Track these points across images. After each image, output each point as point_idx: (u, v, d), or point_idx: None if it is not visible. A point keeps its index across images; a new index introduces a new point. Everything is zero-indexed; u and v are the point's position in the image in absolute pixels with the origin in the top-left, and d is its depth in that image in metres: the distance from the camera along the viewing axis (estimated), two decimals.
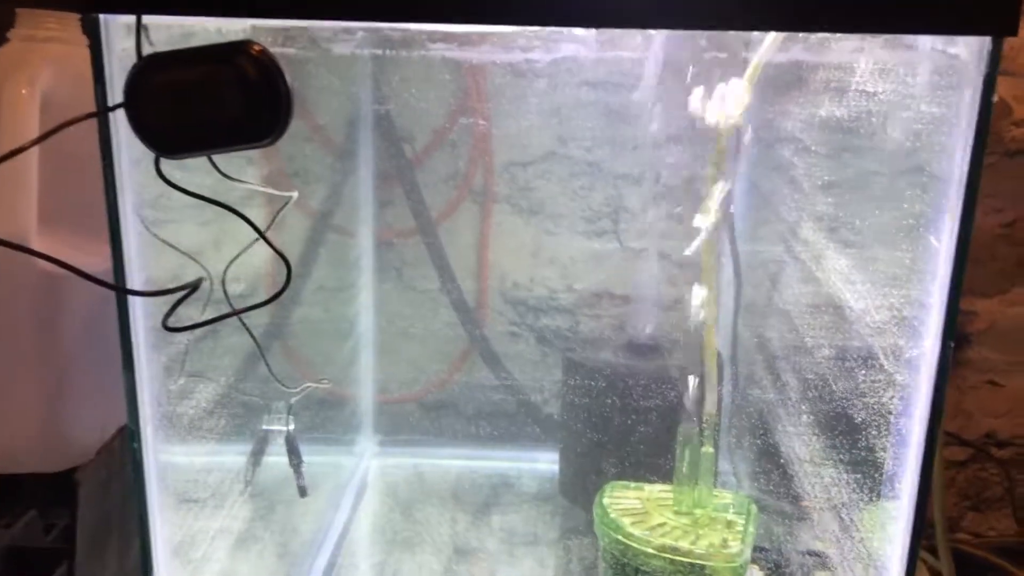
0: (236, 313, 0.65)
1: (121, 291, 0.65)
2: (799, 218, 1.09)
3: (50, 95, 0.91)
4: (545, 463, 1.31)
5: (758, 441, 1.14)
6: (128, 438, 0.73)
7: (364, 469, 1.34)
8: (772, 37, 0.80)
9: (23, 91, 0.88)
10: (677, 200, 1.26)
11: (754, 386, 1.18)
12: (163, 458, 0.76)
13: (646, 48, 0.99)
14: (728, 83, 0.83)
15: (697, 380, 0.94)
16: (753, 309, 1.22)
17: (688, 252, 0.90)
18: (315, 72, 1.06)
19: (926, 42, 0.67)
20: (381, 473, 1.35)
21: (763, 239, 1.22)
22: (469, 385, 1.38)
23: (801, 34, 0.76)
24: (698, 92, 0.84)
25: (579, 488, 1.19)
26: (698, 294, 0.92)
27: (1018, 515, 1.48)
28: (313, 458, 1.08)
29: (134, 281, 0.69)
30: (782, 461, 1.06)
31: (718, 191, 0.88)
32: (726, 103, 0.83)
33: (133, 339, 0.68)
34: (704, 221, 0.88)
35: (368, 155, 1.32)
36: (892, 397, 0.73)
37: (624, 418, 1.12)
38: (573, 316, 1.37)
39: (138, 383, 0.69)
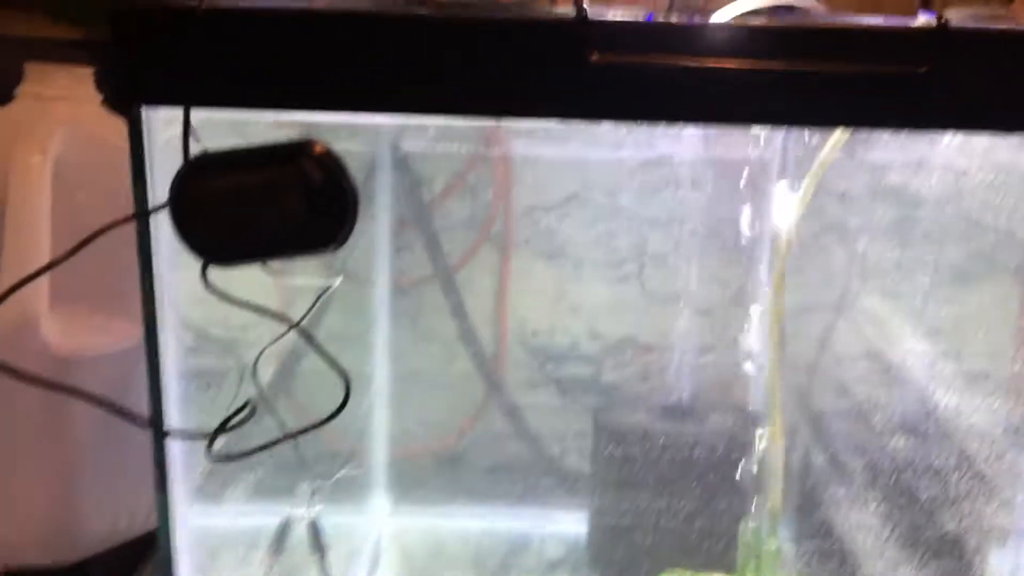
0: (292, 436, 0.59)
1: (159, 434, 0.58)
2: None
3: (62, 160, 0.84)
4: (568, 524, 1.25)
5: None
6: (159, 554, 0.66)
7: (378, 531, 1.28)
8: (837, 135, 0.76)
9: (35, 159, 0.80)
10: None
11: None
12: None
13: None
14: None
15: (756, 462, 0.89)
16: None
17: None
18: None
19: None
20: (396, 536, 1.29)
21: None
22: (487, 438, 1.33)
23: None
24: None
25: (611, 558, 1.13)
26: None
27: None
28: (325, 519, 1.01)
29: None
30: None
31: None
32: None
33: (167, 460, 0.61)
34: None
35: (385, 199, 1.26)
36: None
37: (664, 488, 1.07)
38: (598, 367, 1.32)
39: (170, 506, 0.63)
